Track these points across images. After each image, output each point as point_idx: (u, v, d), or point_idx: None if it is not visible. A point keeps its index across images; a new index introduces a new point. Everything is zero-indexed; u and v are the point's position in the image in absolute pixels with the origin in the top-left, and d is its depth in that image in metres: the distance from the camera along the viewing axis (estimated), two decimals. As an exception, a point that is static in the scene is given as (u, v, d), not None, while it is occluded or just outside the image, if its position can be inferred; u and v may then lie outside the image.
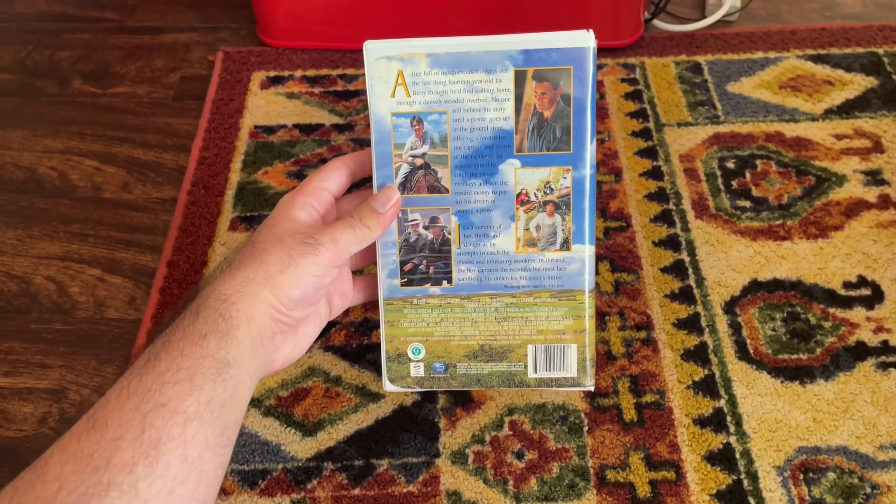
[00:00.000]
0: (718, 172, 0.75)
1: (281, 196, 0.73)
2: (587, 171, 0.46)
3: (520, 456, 0.57)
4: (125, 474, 0.33)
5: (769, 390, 0.59)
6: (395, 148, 0.47)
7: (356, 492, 0.55)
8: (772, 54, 0.86)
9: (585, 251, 0.47)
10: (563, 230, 0.47)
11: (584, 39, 0.45)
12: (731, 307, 0.64)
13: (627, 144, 0.78)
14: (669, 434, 0.57)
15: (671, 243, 0.69)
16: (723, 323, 0.63)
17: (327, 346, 0.63)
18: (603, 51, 0.87)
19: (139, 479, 0.33)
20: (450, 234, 0.48)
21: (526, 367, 0.49)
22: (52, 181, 0.78)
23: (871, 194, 0.72)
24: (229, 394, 0.38)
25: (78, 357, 0.64)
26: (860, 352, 0.61)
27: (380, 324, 0.51)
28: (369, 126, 0.47)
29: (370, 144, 0.48)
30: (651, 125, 0.79)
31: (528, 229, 0.47)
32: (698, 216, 0.71)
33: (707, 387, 0.60)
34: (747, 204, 0.72)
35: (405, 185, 0.47)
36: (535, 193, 0.47)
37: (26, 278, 0.70)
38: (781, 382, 0.60)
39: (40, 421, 0.60)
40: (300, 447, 0.58)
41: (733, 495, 0.54)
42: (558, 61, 0.45)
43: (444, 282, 0.49)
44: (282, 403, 0.60)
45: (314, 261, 0.43)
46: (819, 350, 0.62)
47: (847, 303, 0.64)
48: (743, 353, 0.62)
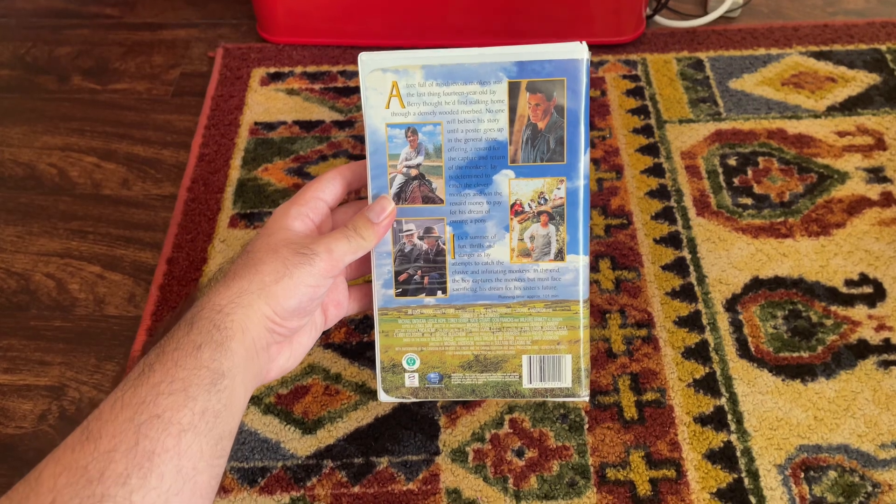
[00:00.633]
0: (720, 169, 0.74)
1: (281, 193, 0.74)
2: (581, 182, 0.46)
3: (520, 454, 0.57)
4: (119, 486, 0.33)
5: (770, 388, 0.59)
6: (390, 158, 0.47)
7: (356, 489, 0.55)
8: (774, 51, 0.86)
9: (580, 261, 0.47)
10: (557, 241, 0.48)
11: (577, 51, 0.45)
12: (732, 305, 0.64)
13: (629, 141, 0.77)
14: (670, 432, 0.57)
15: (672, 241, 0.69)
16: (724, 321, 0.63)
17: (327, 344, 0.63)
18: (604, 47, 0.87)
19: (133, 490, 0.33)
20: (444, 244, 0.48)
21: (521, 377, 0.49)
22: (52, 178, 0.78)
23: (874, 192, 0.72)
24: (224, 404, 0.38)
25: (77, 354, 0.64)
26: (862, 350, 0.61)
27: (374, 334, 0.51)
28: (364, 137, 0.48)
29: (366, 153, 0.48)
30: (653, 122, 0.79)
31: (522, 240, 0.48)
32: (700, 213, 0.71)
33: (708, 385, 0.60)
34: (749, 201, 0.71)
35: (400, 196, 0.48)
36: (529, 204, 0.47)
37: (26, 275, 0.69)
38: (783, 380, 0.60)
39: (40, 418, 0.60)
40: (300, 445, 0.57)
41: (734, 494, 0.54)
42: (552, 73, 0.45)
43: (439, 292, 0.49)
44: (281, 401, 0.60)
45: (309, 271, 0.43)
46: (820, 348, 0.61)
47: (849, 301, 0.64)
48: (744, 351, 0.61)
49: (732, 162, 0.75)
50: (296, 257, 0.43)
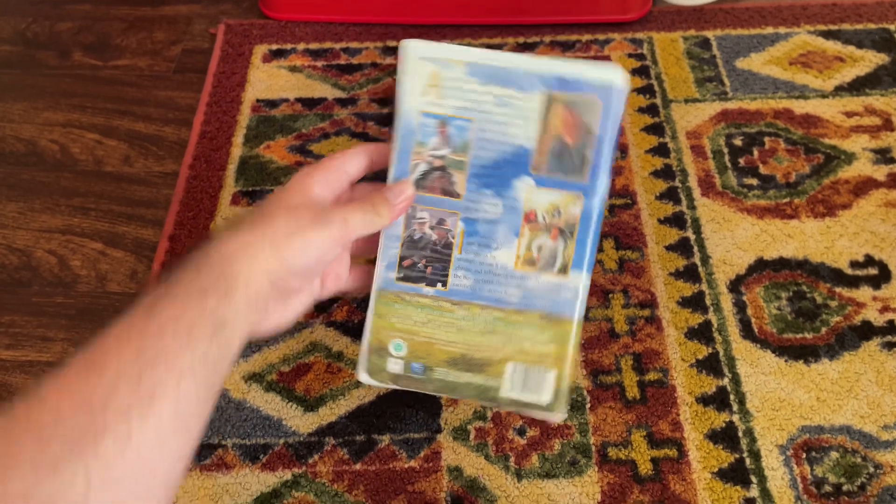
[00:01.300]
0: (726, 149, 0.74)
1: (283, 171, 0.73)
2: (597, 203, 0.47)
3: (521, 433, 0.57)
4: (121, 419, 0.34)
5: (773, 369, 0.59)
6: (417, 145, 0.47)
7: (357, 467, 0.55)
8: (782, 29, 0.84)
9: (581, 280, 0.47)
10: (563, 256, 0.48)
11: (618, 79, 0.45)
12: (736, 286, 0.64)
13: (634, 120, 0.77)
14: (672, 412, 0.57)
15: (677, 221, 0.68)
16: (727, 301, 0.63)
17: (329, 322, 0.63)
18: (610, 25, 0.86)
19: (133, 426, 0.34)
20: (454, 238, 0.48)
21: (501, 384, 0.49)
22: (53, 154, 0.77)
23: (881, 173, 0.71)
24: (222, 353, 0.38)
25: (80, 330, 0.64)
26: (866, 331, 0.61)
27: (367, 314, 0.51)
28: (393, 121, 0.48)
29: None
30: (658, 101, 0.78)
31: (529, 248, 0.48)
32: (704, 194, 0.70)
33: (710, 365, 0.59)
34: (754, 182, 0.71)
35: (419, 183, 0.48)
36: (543, 215, 0.47)
37: (27, 251, 0.69)
38: (786, 361, 0.59)
39: (42, 394, 0.60)
40: (301, 422, 0.57)
41: (735, 474, 0.54)
42: (591, 93, 0.45)
43: (439, 284, 0.49)
44: (283, 378, 0.60)
45: (322, 233, 0.43)
46: (824, 329, 0.61)
47: (853, 282, 0.64)
48: (747, 331, 0.61)
49: (738, 142, 0.74)
50: (311, 219, 0.43)
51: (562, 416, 0.50)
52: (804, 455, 0.55)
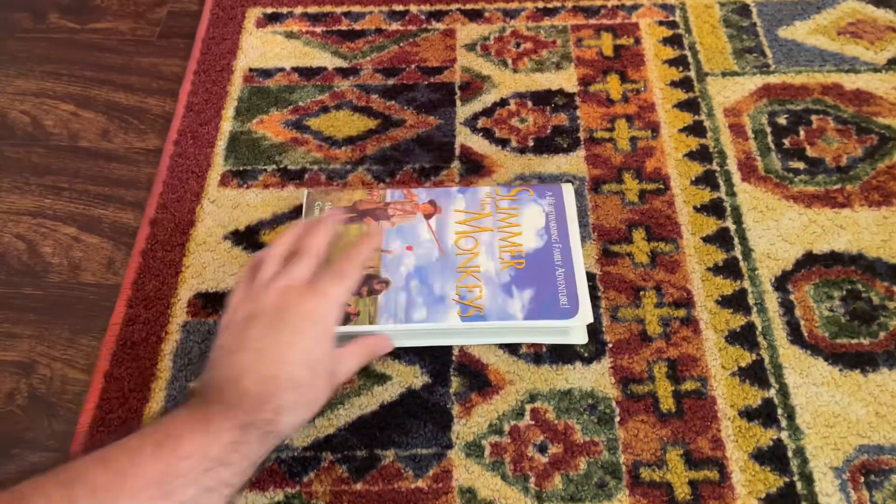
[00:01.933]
0: (768, 129, 0.67)
1: (277, 148, 0.66)
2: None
3: (542, 449, 0.50)
4: None
5: (826, 379, 0.53)
6: None
7: (358, 486, 0.49)
8: (829, -5, 0.77)
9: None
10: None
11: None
12: (782, 283, 0.57)
13: (666, 96, 0.69)
14: (712, 428, 0.51)
15: (715, 209, 0.62)
16: (773, 301, 0.56)
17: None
18: (638, -11, 0.78)
19: None
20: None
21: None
22: (24, 127, 0.70)
23: (942, 157, 0.64)
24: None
25: (49, 326, 0.57)
26: (929, 337, 0.54)
27: None
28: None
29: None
30: (692, 74, 0.71)
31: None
32: (745, 178, 0.63)
33: (755, 374, 0.53)
34: (801, 165, 0.64)
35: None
36: None
37: (-6, 236, 0.63)
38: (840, 370, 0.53)
39: (8, 398, 0.54)
40: (296, 434, 0.51)
41: (785, 500, 0.48)
42: None
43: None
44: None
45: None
46: (883, 334, 0.55)
47: (914, 280, 0.57)
48: (796, 336, 0.55)
49: (782, 120, 0.67)
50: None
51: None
52: (862, 479, 0.49)
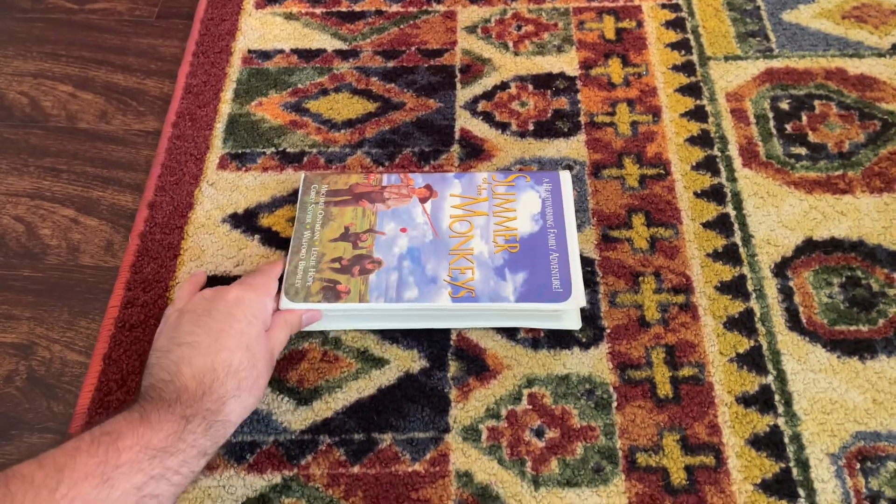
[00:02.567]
0: (770, 114, 0.66)
1: (276, 131, 0.66)
2: None
3: (539, 434, 0.50)
4: None
5: (824, 366, 0.53)
6: None
7: (355, 470, 0.49)
8: (834, -21, 0.76)
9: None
10: None
11: None
12: (781, 269, 0.57)
13: (667, 80, 0.69)
14: (709, 413, 0.51)
15: (715, 194, 0.61)
16: (772, 287, 0.56)
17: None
18: (642, -29, 0.77)
19: None
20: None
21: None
22: (22, 108, 0.70)
23: (945, 143, 0.64)
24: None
25: (48, 308, 0.57)
26: (928, 324, 0.54)
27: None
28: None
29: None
30: (694, 58, 0.70)
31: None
32: (746, 164, 0.63)
33: (753, 360, 0.53)
34: (803, 151, 0.63)
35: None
36: None
37: (-7, 217, 0.63)
38: (838, 357, 0.53)
39: (6, 380, 0.54)
40: (294, 417, 0.51)
41: (780, 485, 0.48)
42: None
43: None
44: (274, 367, 0.53)
45: None
46: (882, 321, 0.54)
47: (914, 267, 0.57)
48: (794, 322, 0.55)
49: (785, 105, 0.66)
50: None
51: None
52: (858, 465, 0.49)
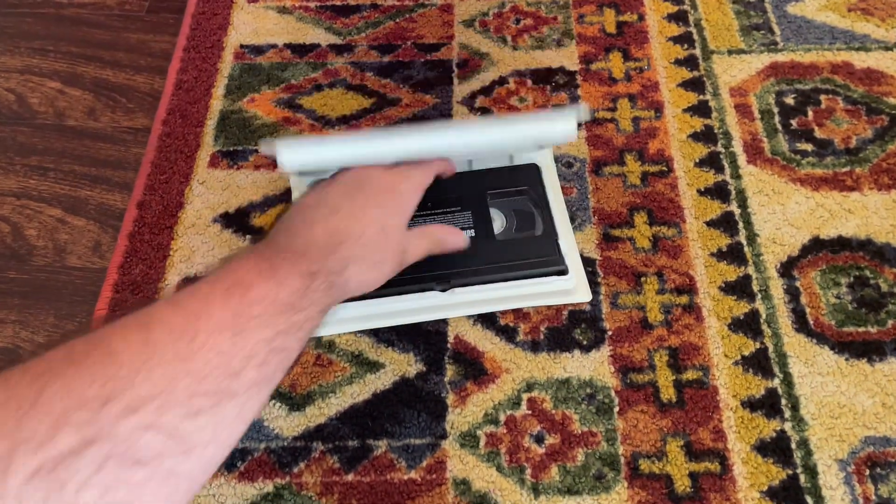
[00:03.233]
0: (775, 109, 0.64)
1: (269, 128, 0.64)
2: None
3: (539, 440, 0.49)
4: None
5: (832, 369, 0.51)
6: None
7: (350, 477, 0.48)
8: (840, -30, 0.74)
9: None
10: None
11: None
12: (787, 269, 0.55)
13: (670, 74, 0.67)
14: (714, 418, 0.49)
15: (719, 192, 0.60)
16: (778, 288, 0.55)
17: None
18: (643, -37, 0.75)
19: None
20: None
21: None
22: (9, 105, 0.68)
23: (954, 138, 0.62)
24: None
25: (34, 311, 0.56)
26: (939, 325, 0.53)
27: None
28: None
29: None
30: (697, 52, 0.69)
31: None
32: (751, 160, 0.61)
33: (759, 363, 0.51)
34: (809, 147, 0.62)
35: None
36: None
37: (-22, 217, 0.61)
38: (846, 360, 0.51)
39: (-9, 384, 0.53)
40: (286, 423, 0.50)
41: (788, 493, 0.47)
42: None
43: None
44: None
45: None
46: (891, 322, 0.53)
47: (924, 267, 0.55)
48: (801, 324, 0.53)
49: (790, 100, 0.65)
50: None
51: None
52: (868, 472, 0.47)
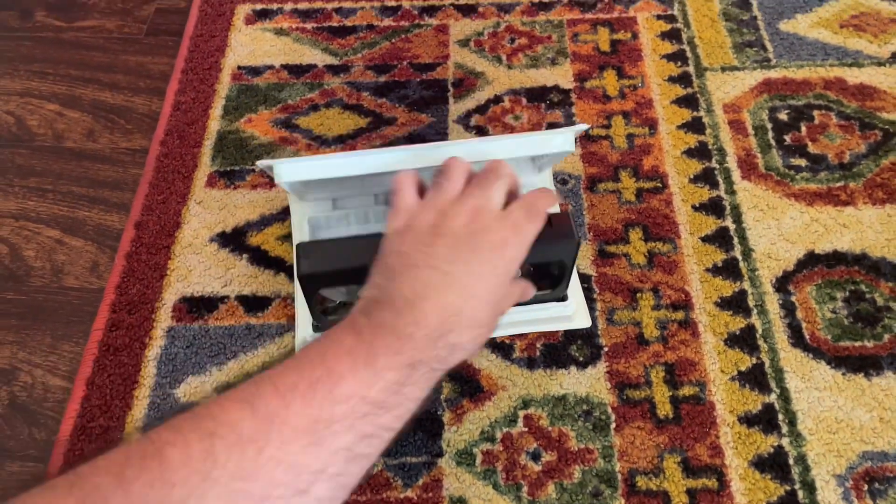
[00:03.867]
0: (769, 125, 0.65)
1: (266, 147, 0.65)
2: None
3: (536, 457, 0.49)
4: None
5: (828, 384, 0.51)
6: None
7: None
8: (831, -12, 0.75)
9: None
10: None
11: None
12: (783, 284, 0.56)
13: (664, 91, 0.68)
14: (711, 434, 0.49)
15: (714, 208, 0.60)
16: (774, 303, 0.55)
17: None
18: (636, -18, 0.76)
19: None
20: None
21: None
22: (8, 127, 0.69)
23: (948, 152, 0.62)
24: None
25: (31, 332, 0.56)
26: (935, 339, 0.53)
27: None
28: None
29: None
30: (691, 69, 0.69)
31: None
32: (745, 176, 0.61)
33: (755, 378, 0.51)
34: (803, 162, 0.62)
35: None
36: None
37: (-23, 239, 0.61)
38: (843, 374, 0.51)
39: (-13, 405, 0.53)
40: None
41: (786, 509, 0.46)
42: None
43: None
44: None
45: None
46: (887, 336, 0.53)
47: (920, 281, 0.55)
48: (797, 338, 0.53)
49: (783, 116, 0.65)
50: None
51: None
52: (866, 487, 0.47)
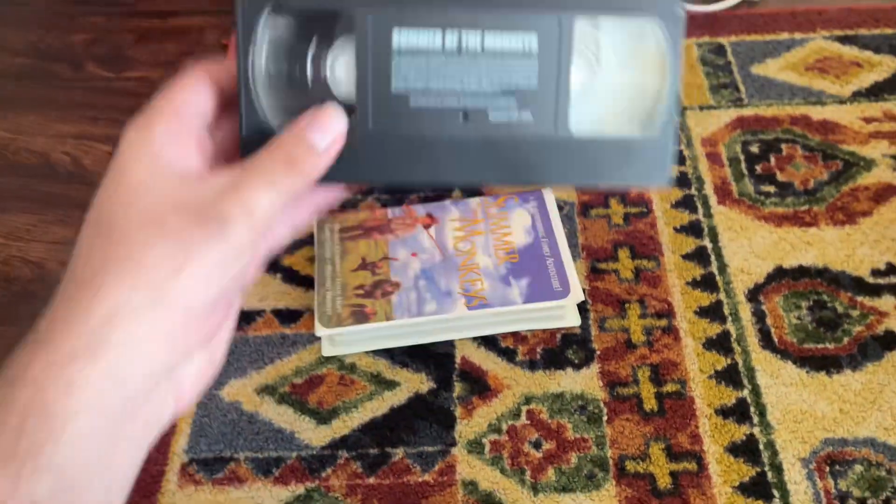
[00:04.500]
0: (742, 157, 0.73)
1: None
2: None
3: (537, 446, 0.56)
4: None
5: (794, 380, 0.58)
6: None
7: (371, 480, 0.54)
8: (798, 35, 0.83)
9: None
10: None
11: None
12: (754, 295, 0.63)
13: (648, 128, 0.76)
14: (691, 424, 0.56)
15: (693, 229, 0.67)
16: (746, 311, 0.62)
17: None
18: (623, 32, 0.85)
19: None
20: None
21: None
22: (65, 166, 0.77)
23: (901, 179, 0.70)
24: None
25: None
26: (889, 341, 0.59)
27: None
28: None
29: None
30: (672, 108, 0.77)
31: None
32: (721, 201, 0.69)
33: (730, 376, 0.58)
34: (772, 189, 0.70)
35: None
36: None
37: (41, 263, 0.69)
38: (807, 372, 0.58)
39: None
40: (314, 435, 0.57)
41: (757, 488, 0.53)
42: None
43: None
44: (296, 390, 0.59)
45: (223, 248, 0.27)
46: (846, 339, 0.60)
47: (875, 291, 0.62)
48: (767, 342, 0.60)
49: (755, 149, 0.73)
50: (197, 228, 0.27)
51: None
52: (827, 468, 0.54)
